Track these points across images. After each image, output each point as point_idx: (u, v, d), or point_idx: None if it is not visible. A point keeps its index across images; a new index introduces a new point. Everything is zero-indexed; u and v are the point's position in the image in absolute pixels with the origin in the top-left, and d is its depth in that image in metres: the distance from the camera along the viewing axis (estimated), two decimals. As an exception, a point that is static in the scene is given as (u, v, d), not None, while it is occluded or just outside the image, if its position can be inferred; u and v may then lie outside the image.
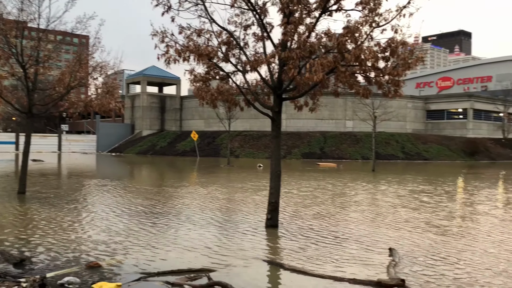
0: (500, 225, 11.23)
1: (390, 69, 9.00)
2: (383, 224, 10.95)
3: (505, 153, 55.85)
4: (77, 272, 6.63)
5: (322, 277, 6.63)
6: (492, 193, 18.85)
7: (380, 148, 47.13)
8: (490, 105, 63.90)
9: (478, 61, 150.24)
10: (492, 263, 7.56)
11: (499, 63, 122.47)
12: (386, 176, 27.03)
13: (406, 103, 62.16)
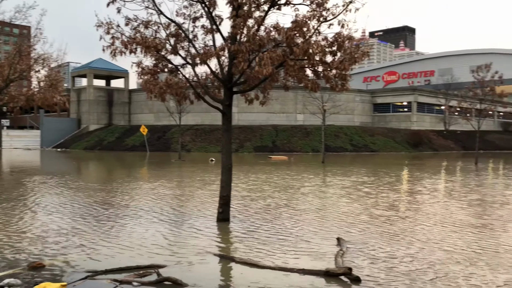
0: (439, 214, 11.77)
1: (337, 63, 9.19)
2: (331, 215, 11.21)
3: (446, 144, 58.70)
4: (18, 273, 6.34)
5: (273, 269, 6.70)
6: (432, 183, 19.75)
7: (329, 141, 48.20)
8: (432, 99, 66.87)
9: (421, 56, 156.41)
10: (429, 251, 7.92)
11: (441, 58, 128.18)
12: (335, 168, 27.71)
13: (354, 97, 63.85)
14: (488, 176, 23.46)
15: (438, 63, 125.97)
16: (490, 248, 8.03)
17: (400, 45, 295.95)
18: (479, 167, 29.69)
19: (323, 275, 6.29)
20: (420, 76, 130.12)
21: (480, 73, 31.50)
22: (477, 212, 11.97)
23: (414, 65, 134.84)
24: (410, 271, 6.63)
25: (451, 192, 16.32)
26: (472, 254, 7.56)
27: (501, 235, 9.13)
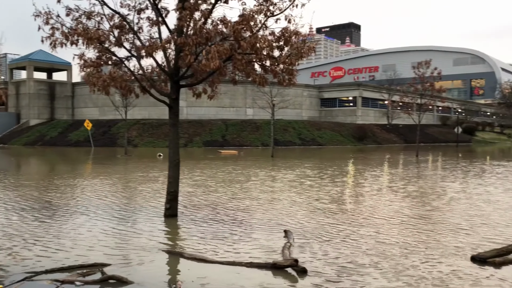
0: (381, 205, 12.22)
1: (285, 58, 9.27)
2: (278, 208, 11.34)
3: (389, 137, 60.95)
4: (-51, 277, 5.95)
5: (221, 263, 6.70)
6: (375, 176, 20.45)
7: (278, 135, 48.72)
8: (376, 94, 69.17)
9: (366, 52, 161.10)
10: (371, 243, 8.20)
11: (385, 54, 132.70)
12: (284, 161, 28.06)
13: (302, 92, 64.87)
14: (427, 168, 24.60)
15: (382, 59, 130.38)
16: (427, 239, 8.42)
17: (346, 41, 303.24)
18: (419, 159, 31.07)
19: (271, 268, 6.36)
20: (365, 72, 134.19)
21: (420, 69, 32.92)
22: (415, 203, 12.50)
23: (359, 61, 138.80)
24: (352, 262, 6.84)
25: (392, 184, 16.96)
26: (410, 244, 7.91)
27: (436, 226, 9.60)
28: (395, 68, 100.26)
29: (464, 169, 23.34)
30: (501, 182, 17.28)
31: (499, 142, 72.75)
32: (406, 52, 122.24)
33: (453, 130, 62.87)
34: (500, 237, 8.28)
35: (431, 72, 32.94)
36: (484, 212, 10.93)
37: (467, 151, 46.98)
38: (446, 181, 17.60)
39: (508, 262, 6.73)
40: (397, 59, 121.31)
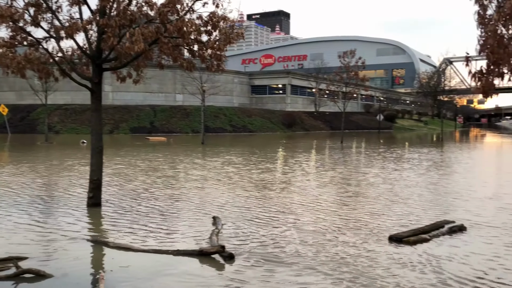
0: (304, 191, 12.59)
1: (213, 43, 9.16)
2: (203, 196, 11.30)
3: (316, 124, 62.82)
4: None
5: (147, 251, 6.56)
6: (301, 162, 21.03)
7: (209, 122, 48.44)
8: (305, 82, 70.81)
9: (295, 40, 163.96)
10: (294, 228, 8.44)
11: (313, 43, 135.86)
12: (214, 148, 27.99)
13: (233, 78, 64.84)
14: (351, 154, 25.67)
15: (310, 48, 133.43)
16: (348, 222, 8.81)
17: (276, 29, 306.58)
18: (344, 145, 32.36)
19: (198, 255, 6.32)
20: (294, 60, 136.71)
21: (346, 58, 34.07)
22: (337, 188, 13.01)
23: (289, 49, 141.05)
24: (277, 247, 6.99)
25: (316, 170, 17.52)
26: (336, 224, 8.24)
27: (357, 209, 10.07)
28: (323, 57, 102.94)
29: (384, 155, 24.62)
30: (417, 168, 18.44)
31: (417, 128, 77.60)
32: (333, 42, 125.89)
33: (375, 118, 66.01)
34: (415, 219, 8.84)
35: (355, 62, 34.21)
36: (401, 196, 11.61)
37: (388, 137, 49.63)
38: (368, 167, 18.47)
39: (421, 240, 7.20)
40: (324, 48, 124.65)
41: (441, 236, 7.47)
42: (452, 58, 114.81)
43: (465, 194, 11.80)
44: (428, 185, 13.21)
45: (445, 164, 19.88)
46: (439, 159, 22.25)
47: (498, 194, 11.95)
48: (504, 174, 17.39)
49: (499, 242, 7.24)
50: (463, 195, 11.68)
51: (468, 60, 10.26)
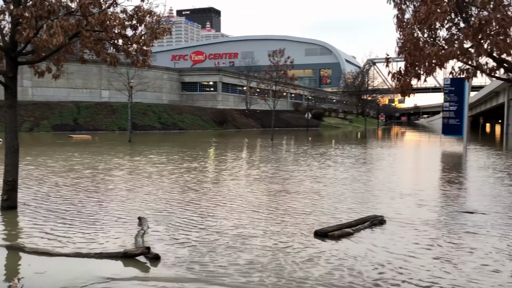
0: (232, 190, 12.62)
1: (138, 38, 8.88)
2: (131, 196, 10.98)
3: (248, 122, 63.31)
4: None
5: (67, 255, 6.22)
6: (231, 160, 21.08)
7: (137, 119, 47.16)
8: (236, 79, 71.07)
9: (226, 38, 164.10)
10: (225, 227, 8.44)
11: (244, 41, 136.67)
12: (141, 146, 27.28)
13: (162, 75, 63.61)
14: (280, 151, 26.14)
15: (241, 46, 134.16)
16: (276, 218, 8.95)
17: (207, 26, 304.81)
18: (274, 142, 32.89)
19: (122, 257, 6.10)
20: (225, 58, 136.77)
21: (275, 57, 34.63)
22: (265, 186, 13.19)
23: (220, 46, 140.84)
24: (205, 247, 6.93)
25: (246, 168, 17.65)
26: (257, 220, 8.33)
27: (284, 206, 10.25)
28: (253, 55, 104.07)
29: (312, 152, 25.34)
30: (342, 164, 19.15)
31: (343, 126, 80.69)
32: (263, 41, 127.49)
33: (304, 116, 67.80)
34: (340, 214, 9.16)
35: (284, 61, 34.88)
36: (327, 192, 11.99)
37: (316, 135, 51.16)
38: (296, 164, 18.89)
39: (345, 234, 7.46)
40: (255, 46, 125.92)
41: (362, 230, 7.79)
42: (375, 59, 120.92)
43: (385, 190, 12.42)
44: (353, 181, 13.75)
45: (368, 160, 20.83)
46: (362, 156, 23.27)
47: (416, 190, 12.71)
48: (422, 171, 18.54)
49: (412, 235, 7.69)
50: (383, 190, 12.29)
51: (388, 61, 10.80)
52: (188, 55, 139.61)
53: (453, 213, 9.33)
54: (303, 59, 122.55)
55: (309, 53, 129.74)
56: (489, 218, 8.74)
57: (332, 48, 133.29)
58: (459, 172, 17.03)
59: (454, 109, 30.08)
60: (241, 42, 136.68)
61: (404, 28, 9.14)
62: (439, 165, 20.29)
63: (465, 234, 7.67)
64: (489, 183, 13.66)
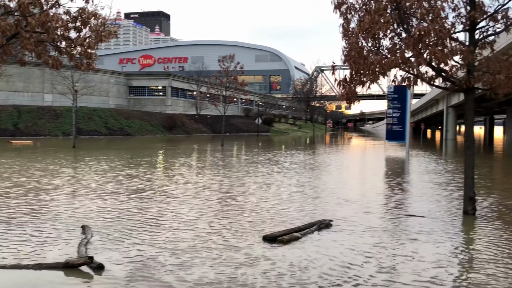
0: (180, 197, 12.47)
1: (82, 41, 8.61)
2: (70, 205, 10.58)
3: (198, 127, 62.85)
4: None
5: (3, 268, 5.88)
6: (180, 166, 20.84)
7: (82, 124, 45.64)
8: (185, 84, 70.43)
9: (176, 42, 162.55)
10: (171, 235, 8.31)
11: (194, 46, 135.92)
12: (86, 152, 26.38)
13: (109, 78, 61.97)
14: (230, 157, 26.12)
15: (191, 51, 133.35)
16: (226, 225, 8.91)
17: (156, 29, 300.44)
18: (224, 148, 32.82)
19: (63, 268, 5.84)
20: (175, 62, 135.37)
21: (225, 63, 34.64)
22: (215, 193, 13.12)
23: (169, 50, 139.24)
24: (150, 258, 6.79)
25: (195, 175, 17.49)
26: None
27: (234, 212, 10.23)
28: (204, 60, 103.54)
29: (262, 157, 25.51)
30: (291, 170, 19.39)
31: (292, 132, 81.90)
32: (214, 46, 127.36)
33: (254, 121, 68.21)
34: (290, 219, 9.26)
35: (234, 66, 34.96)
36: (276, 197, 12.09)
37: (266, 140, 51.58)
38: (245, 170, 18.93)
39: (294, 239, 7.54)
40: (205, 51, 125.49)
41: (310, 234, 7.91)
42: (323, 67, 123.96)
43: (333, 195, 12.69)
44: (301, 187, 13.95)
45: (316, 166, 21.22)
46: (311, 161, 23.69)
47: (361, 195, 13.07)
48: (368, 176, 19.10)
49: (355, 239, 7.90)
50: (331, 196, 12.55)
51: (334, 69, 11.12)
52: (137, 58, 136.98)
53: (396, 217, 9.67)
54: (254, 65, 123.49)
55: (259, 59, 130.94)
56: (427, 221, 9.13)
57: (282, 55, 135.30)
58: (402, 177, 17.71)
59: (397, 116, 31.28)
60: (191, 47, 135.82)
61: (349, 37, 9.44)
62: (383, 170, 21.01)
63: (406, 239, 7.97)
64: (430, 188, 14.29)
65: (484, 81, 8.99)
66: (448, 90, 10.11)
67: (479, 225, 8.91)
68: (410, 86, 10.16)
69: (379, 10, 8.67)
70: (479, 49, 9.51)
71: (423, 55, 8.65)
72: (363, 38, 9.21)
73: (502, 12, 9.09)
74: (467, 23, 9.26)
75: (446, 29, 8.57)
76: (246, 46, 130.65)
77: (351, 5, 9.43)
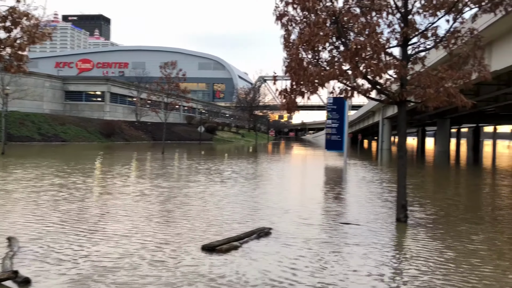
0: (115, 208, 12.10)
1: (12, 42, 8.13)
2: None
3: (138, 134, 61.38)
4: None
5: None
6: (117, 175, 20.22)
7: (13, 129, 43.16)
8: (125, 90, 68.72)
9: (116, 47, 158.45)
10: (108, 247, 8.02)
11: (135, 51, 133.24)
12: (16, 160, 24.94)
13: (44, 82, 59.23)
14: (171, 165, 25.69)
15: (132, 56, 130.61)
16: (166, 235, 8.72)
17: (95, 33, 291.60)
18: (165, 156, 32.23)
19: (-17, 283, 5.43)
20: (115, 67, 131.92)
21: (167, 69, 34.16)
22: (152, 203, 12.83)
23: (109, 55, 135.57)
24: (79, 274, 6.49)
25: (133, 184, 17.03)
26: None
27: (174, 222, 10.04)
28: (145, 66, 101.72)
29: (204, 166, 25.30)
30: (233, 179, 19.37)
31: (235, 140, 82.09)
32: (156, 52, 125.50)
33: (197, 129, 67.64)
34: (229, 228, 9.20)
35: (176, 73, 34.57)
36: (217, 206, 12.00)
37: (209, 148, 51.26)
38: (186, 180, 18.69)
39: (233, 248, 7.50)
40: (147, 57, 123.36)
41: (249, 242, 7.91)
42: (266, 77, 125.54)
43: (273, 204, 12.79)
44: (242, 196, 13.95)
45: (257, 175, 21.34)
46: (252, 170, 23.80)
47: (300, 204, 13.28)
48: (308, 185, 19.46)
49: (295, 248, 8.00)
50: (271, 205, 12.64)
51: (275, 79, 11.28)
52: (74, 62, 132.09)
53: (332, 225, 9.90)
54: (197, 73, 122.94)
55: (202, 67, 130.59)
56: (361, 229, 9.42)
57: (225, 63, 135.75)
58: (340, 186, 18.21)
59: (336, 126, 32.21)
60: (132, 52, 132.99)
61: (290, 48, 9.61)
62: (323, 179, 21.49)
63: (341, 246, 8.17)
64: (366, 196, 14.78)
65: (415, 94, 9.45)
66: (383, 102, 10.55)
67: (411, 231, 9.32)
68: (347, 98, 10.50)
69: (319, 23, 8.91)
70: (411, 64, 10.03)
71: (359, 68, 8.97)
72: (303, 50, 9.41)
73: (432, 30, 9.66)
74: (400, 39, 9.74)
75: (381, 44, 8.95)
76: (190, 54, 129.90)
77: (292, 17, 9.61)
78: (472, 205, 13.87)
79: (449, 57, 9.79)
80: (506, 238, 9.10)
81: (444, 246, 8.13)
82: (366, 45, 8.59)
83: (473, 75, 9.47)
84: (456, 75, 9.14)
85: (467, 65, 9.63)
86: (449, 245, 8.20)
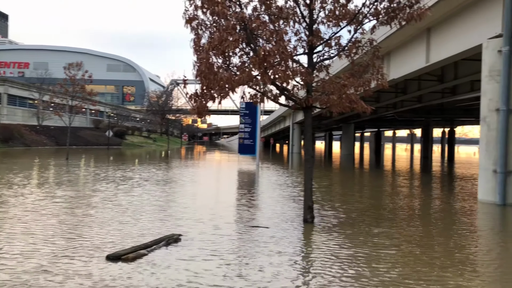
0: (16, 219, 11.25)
1: None
2: None
3: (40, 139, 57.45)
4: None
5: None
6: (15, 184, 18.79)
7: None
8: (26, 92, 64.09)
9: (15, 45, 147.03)
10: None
11: (37, 51, 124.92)
12: None
13: None
14: (76, 172, 24.35)
15: (34, 56, 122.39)
16: (70, 244, 8.23)
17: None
18: (69, 162, 30.44)
19: None
20: (14, 67, 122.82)
21: (72, 70, 32.38)
22: (57, 210, 12.09)
23: (7, 54, 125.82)
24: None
25: (32, 193, 15.92)
26: (49, 251, 7.51)
27: (77, 230, 9.51)
28: (48, 66, 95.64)
29: (111, 173, 24.31)
30: (142, 185, 18.81)
31: (146, 145, 79.92)
32: (60, 52, 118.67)
33: (105, 133, 64.84)
34: (140, 235, 8.90)
35: (82, 75, 32.91)
36: (124, 215, 11.57)
37: (118, 154, 49.31)
38: (92, 188, 17.83)
39: (140, 256, 7.26)
40: (50, 57, 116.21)
41: (158, 250, 7.70)
42: (178, 80, 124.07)
43: (183, 210, 12.62)
44: (151, 203, 13.59)
45: (168, 181, 20.92)
46: (163, 175, 23.31)
47: (213, 209, 13.25)
48: (220, 191, 19.49)
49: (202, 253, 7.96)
50: (181, 211, 12.46)
51: (185, 82, 11.15)
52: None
53: (241, 228, 9.98)
54: (105, 75, 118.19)
55: (111, 69, 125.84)
56: (270, 231, 9.63)
57: (136, 65, 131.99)
58: (252, 189, 18.45)
59: (249, 131, 32.71)
60: (34, 52, 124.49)
61: (200, 52, 9.56)
62: (235, 183, 21.64)
63: (252, 248, 8.27)
64: (275, 199, 15.13)
65: (320, 100, 9.87)
66: (291, 108, 10.89)
67: (317, 231, 9.69)
68: (257, 103, 10.71)
69: (228, 29, 8.97)
70: (317, 72, 10.47)
71: (268, 74, 9.18)
72: (213, 54, 9.41)
73: (335, 39, 10.17)
74: (306, 47, 10.14)
75: (288, 51, 9.24)
76: (97, 55, 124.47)
77: (202, 21, 9.59)
78: (375, 205, 14.77)
79: (351, 66, 10.38)
80: (405, 234, 9.81)
81: (344, 243, 8.56)
82: (274, 52, 8.81)
83: (372, 83, 10.13)
84: (357, 82, 9.71)
85: (367, 73, 10.29)
86: (349, 243, 8.64)
